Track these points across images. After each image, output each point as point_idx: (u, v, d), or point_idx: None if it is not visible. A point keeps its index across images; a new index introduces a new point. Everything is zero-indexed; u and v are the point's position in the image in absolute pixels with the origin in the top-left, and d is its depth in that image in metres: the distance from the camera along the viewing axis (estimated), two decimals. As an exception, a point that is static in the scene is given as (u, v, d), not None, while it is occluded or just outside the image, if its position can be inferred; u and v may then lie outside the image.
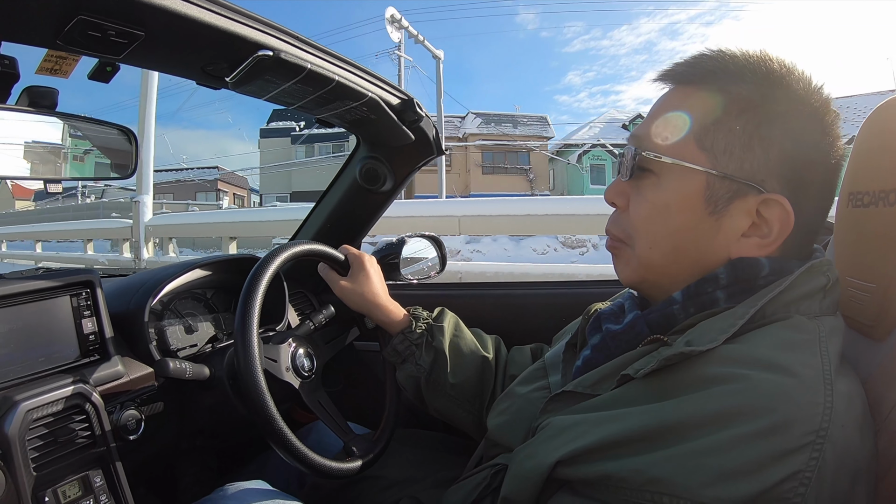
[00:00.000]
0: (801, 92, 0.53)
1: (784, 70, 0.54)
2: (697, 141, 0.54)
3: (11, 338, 0.75)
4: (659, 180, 0.56)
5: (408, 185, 1.21)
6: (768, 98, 0.53)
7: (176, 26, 0.66)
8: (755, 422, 0.42)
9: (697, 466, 0.42)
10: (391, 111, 0.98)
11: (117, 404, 0.81)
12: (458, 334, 0.94)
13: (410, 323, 0.94)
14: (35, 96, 0.75)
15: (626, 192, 0.60)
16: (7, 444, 0.67)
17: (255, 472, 1.07)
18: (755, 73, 0.54)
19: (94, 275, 0.86)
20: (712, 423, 0.43)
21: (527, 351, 0.95)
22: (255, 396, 0.72)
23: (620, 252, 0.61)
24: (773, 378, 0.43)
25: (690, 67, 0.57)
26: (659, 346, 0.52)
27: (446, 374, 0.89)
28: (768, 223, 0.53)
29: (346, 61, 0.86)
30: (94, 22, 0.61)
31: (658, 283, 0.59)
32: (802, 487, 0.40)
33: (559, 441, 0.51)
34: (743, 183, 0.53)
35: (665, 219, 0.56)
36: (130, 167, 0.92)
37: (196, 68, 0.78)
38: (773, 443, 0.41)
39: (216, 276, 1.09)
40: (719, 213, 0.54)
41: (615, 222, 0.62)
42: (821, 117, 0.53)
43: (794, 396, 0.43)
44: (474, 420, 0.90)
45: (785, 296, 0.51)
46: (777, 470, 0.40)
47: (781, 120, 0.53)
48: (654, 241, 0.57)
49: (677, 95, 0.58)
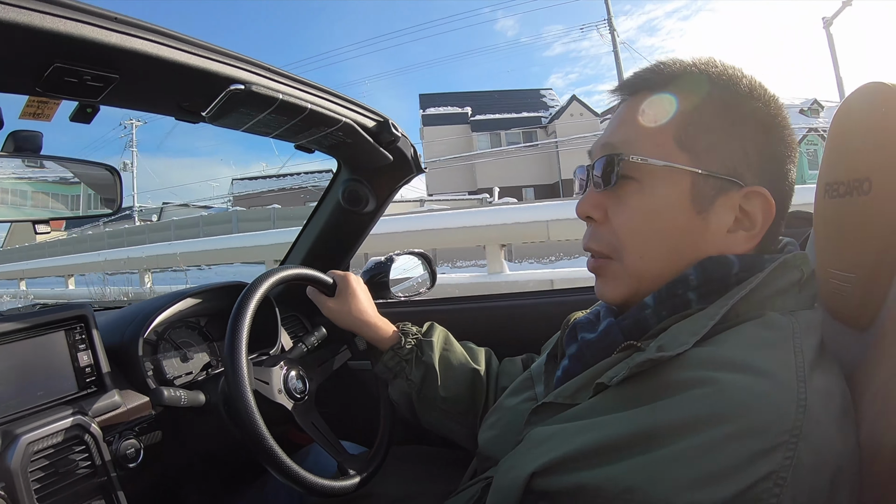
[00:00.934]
0: (758, 89, 0.56)
1: (738, 71, 0.57)
2: (677, 142, 0.55)
3: (10, 374, 0.78)
4: (642, 186, 0.56)
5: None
6: (734, 97, 0.55)
7: (149, 67, 0.68)
8: (727, 425, 0.41)
9: (671, 473, 0.42)
10: (367, 134, 0.99)
11: (116, 434, 0.82)
12: (448, 348, 0.95)
13: (400, 339, 0.94)
14: (20, 140, 0.77)
15: (602, 204, 0.59)
16: (10, 477, 0.68)
17: (255, 495, 1.08)
18: (717, 74, 0.56)
19: (87, 309, 0.88)
20: (684, 428, 0.42)
21: (518, 363, 0.95)
22: (244, 417, 0.73)
23: (605, 269, 0.60)
24: (743, 379, 0.43)
25: (655, 74, 0.58)
26: (633, 352, 0.51)
27: (437, 388, 0.90)
28: (751, 216, 0.54)
29: (319, 88, 0.88)
30: (70, 68, 0.63)
31: (648, 293, 0.57)
32: (777, 488, 0.40)
33: (536, 452, 0.51)
34: (725, 179, 0.54)
35: (654, 224, 0.55)
36: (117, 202, 0.94)
37: (173, 105, 0.81)
38: (746, 445, 0.41)
39: (207, 303, 1.11)
40: (705, 211, 0.54)
41: (595, 237, 0.60)
42: (775, 112, 0.56)
43: (767, 397, 0.42)
44: (468, 433, 0.90)
45: (758, 293, 0.51)
46: (751, 472, 0.40)
47: (750, 115, 0.55)
48: (644, 249, 0.56)
49: (646, 102, 0.58)
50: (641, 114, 0.57)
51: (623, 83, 0.61)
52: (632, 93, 0.60)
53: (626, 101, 0.60)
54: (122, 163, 23.16)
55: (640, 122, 0.57)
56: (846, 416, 0.47)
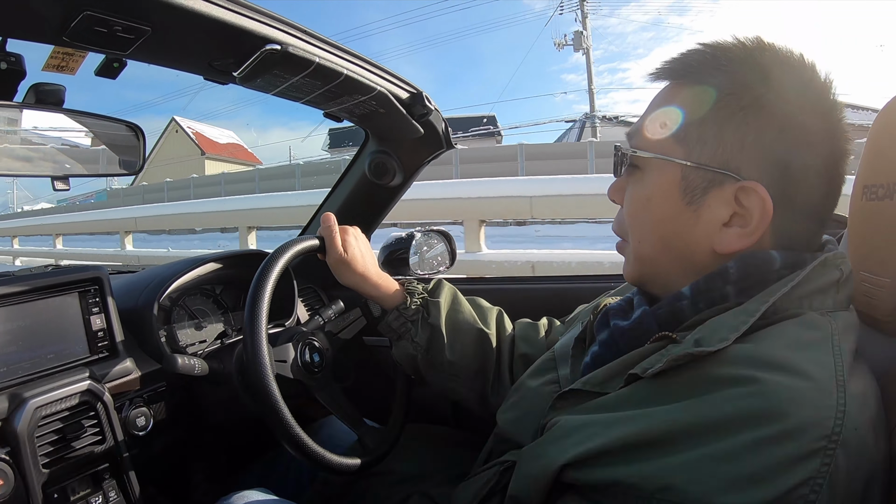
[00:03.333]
0: (776, 78, 0.51)
1: (775, 56, 0.53)
2: (674, 134, 0.55)
3: (21, 335, 0.75)
4: (643, 175, 0.57)
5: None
6: (744, 83, 0.52)
7: (183, 21, 0.65)
8: (768, 427, 0.40)
9: (709, 473, 0.41)
10: (400, 105, 0.97)
11: (126, 401, 0.81)
12: (456, 308, 0.92)
13: (405, 298, 0.91)
14: (42, 94, 0.74)
15: (622, 189, 0.61)
16: (16, 441, 0.67)
17: (265, 467, 1.07)
18: (730, 60, 0.53)
19: (103, 272, 0.86)
20: (724, 428, 0.42)
21: (539, 327, 0.91)
22: (265, 398, 0.72)
23: (623, 250, 0.62)
24: (785, 381, 0.42)
25: (676, 63, 0.57)
26: (667, 343, 0.50)
27: (444, 351, 0.87)
28: (748, 212, 0.51)
29: (355, 55, 0.85)
30: (100, 17, 0.60)
31: (654, 278, 0.59)
32: (814, 494, 0.39)
33: (568, 443, 0.49)
34: (718, 172, 0.52)
35: (647, 212, 0.57)
36: (138, 163, 0.91)
37: (203, 63, 0.78)
38: (785, 448, 0.40)
39: (225, 271, 1.09)
40: (697, 203, 0.53)
41: (616, 220, 0.64)
42: (815, 103, 0.51)
43: (807, 400, 0.41)
44: (475, 396, 0.88)
45: (797, 290, 0.49)
46: (788, 477, 0.39)
47: (758, 106, 0.51)
48: (642, 234, 0.58)
49: (665, 92, 0.58)
50: (654, 104, 0.58)
51: (656, 71, 0.59)
52: (655, 80, 0.60)
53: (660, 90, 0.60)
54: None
55: (653, 113, 0.57)
56: (880, 419, 0.47)
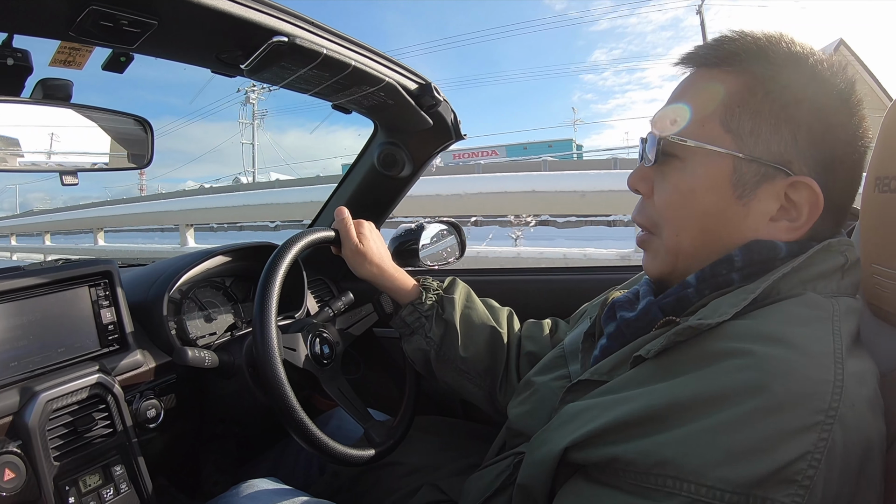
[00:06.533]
0: (825, 72, 0.52)
1: (806, 51, 0.53)
2: (723, 123, 0.53)
3: (31, 329, 0.76)
4: (684, 165, 0.55)
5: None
6: (794, 78, 0.51)
7: (190, 14, 0.64)
8: (762, 398, 0.40)
9: (706, 446, 0.40)
10: (409, 96, 0.96)
11: (137, 394, 0.81)
12: (470, 305, 0.92)
13: (420, 294, 0.91)
14: (49, 89, 0.74)
15: (649, 178, 0.59)
16: (28, 435, 0.67)
17: (275, 458, 1.08)
18: (777, 53, 0.52)
19: (113, 265, 0.86)
20: (719, 400, 0.41)
21: (544, 326, 0.92)
22: (275, 388, 0.72)
23: (649, 244, 0.60)
24: (781, 353, 0.42)
25: (713, 50, 0.55)
26: (672, 326, 0.50)
27: (457, 347, 0.87)
28: (797, 206, 0.51)
29: (363, 46, 0.84)
30: (106, 12, 0.60)
31: (686, 272, 0.57)
32: (812, 470, 0.38)
33: (571, 426, 0.50)
34: (770, 166, 0.51)
35: (691, 204, 0.54)
36: (146, 156, 0.91)
37: (211, 56, 0.77)
38: (781, 420, 0.39)
39: (235, 263, 1.09)
40: (747, 197, 0.52)
41: (641, 211, 0.61)
42: (846, 97, 0.52)
43: (803, 372, 0.41)
44: (484, 394, 0.88)
45: (800, 273, 0.50)
46: (786, 450, 0.38)
47: (808, 101, 0.51)
48: (680, 227, 0.56)
49: (700, 78, 0.56)
50: (694, 91, 0.56)
51: (683, 56, 0.58)
52: (690, 67, 0.58)
53: (687, 74, 0.58)
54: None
55: (690, 99, 0.55)
56: (877, 403, 0.46)
